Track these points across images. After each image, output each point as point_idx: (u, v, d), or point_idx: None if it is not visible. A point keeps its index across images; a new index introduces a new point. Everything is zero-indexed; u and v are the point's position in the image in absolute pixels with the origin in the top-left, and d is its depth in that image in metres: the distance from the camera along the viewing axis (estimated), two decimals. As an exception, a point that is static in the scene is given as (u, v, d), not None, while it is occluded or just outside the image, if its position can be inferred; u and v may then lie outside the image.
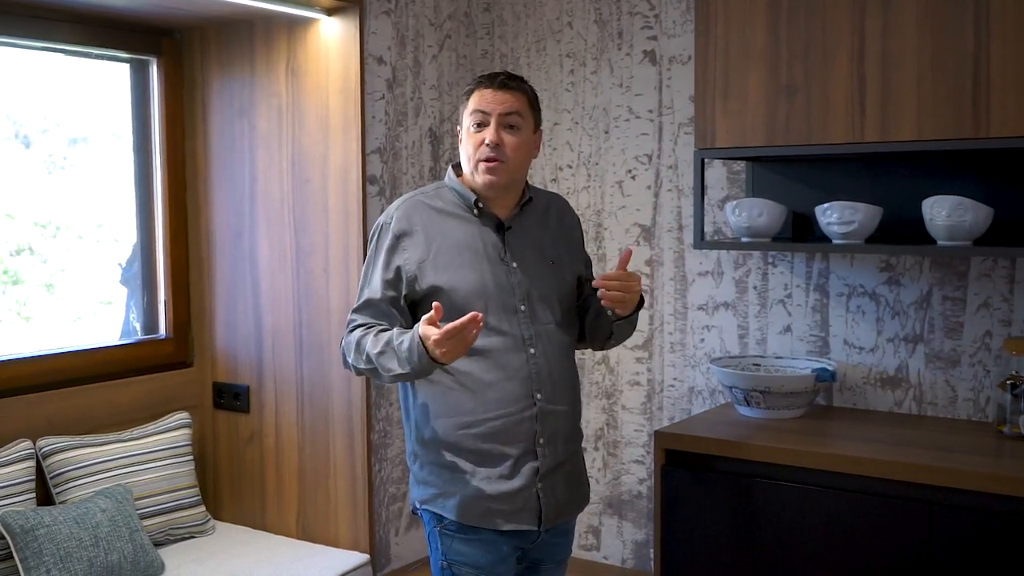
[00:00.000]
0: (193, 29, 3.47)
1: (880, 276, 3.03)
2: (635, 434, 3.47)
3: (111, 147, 3.53)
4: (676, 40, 3.31)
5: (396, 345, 2.08)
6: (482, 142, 2.17)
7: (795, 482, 2.64)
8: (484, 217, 2.23)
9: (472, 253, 2.20)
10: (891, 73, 2.63)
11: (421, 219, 2.21)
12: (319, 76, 3.23)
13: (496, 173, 2.18)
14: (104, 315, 3.59)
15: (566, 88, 3.54)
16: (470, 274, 2.18)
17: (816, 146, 2.75)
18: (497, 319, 2.18)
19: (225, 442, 3.55)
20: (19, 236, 3.41)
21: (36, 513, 2.80)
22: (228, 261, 3.47)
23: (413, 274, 2.18)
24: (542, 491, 2.21)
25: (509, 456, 2.18)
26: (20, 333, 3.38)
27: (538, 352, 2.20)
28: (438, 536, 2.25)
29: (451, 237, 2.20)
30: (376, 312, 2.21)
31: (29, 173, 3.40)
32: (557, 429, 2.23)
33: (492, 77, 2.21)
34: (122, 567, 2.88)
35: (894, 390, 3.04)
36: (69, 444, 3.05)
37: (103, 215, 3.57)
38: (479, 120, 2.18)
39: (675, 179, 3.35)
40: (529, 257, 2.25)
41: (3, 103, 3.26)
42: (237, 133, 3.42)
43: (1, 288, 3.35)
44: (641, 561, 3.49)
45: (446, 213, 2.23)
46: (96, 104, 3.50)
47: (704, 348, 3.32)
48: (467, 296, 2.16)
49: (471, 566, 2.22)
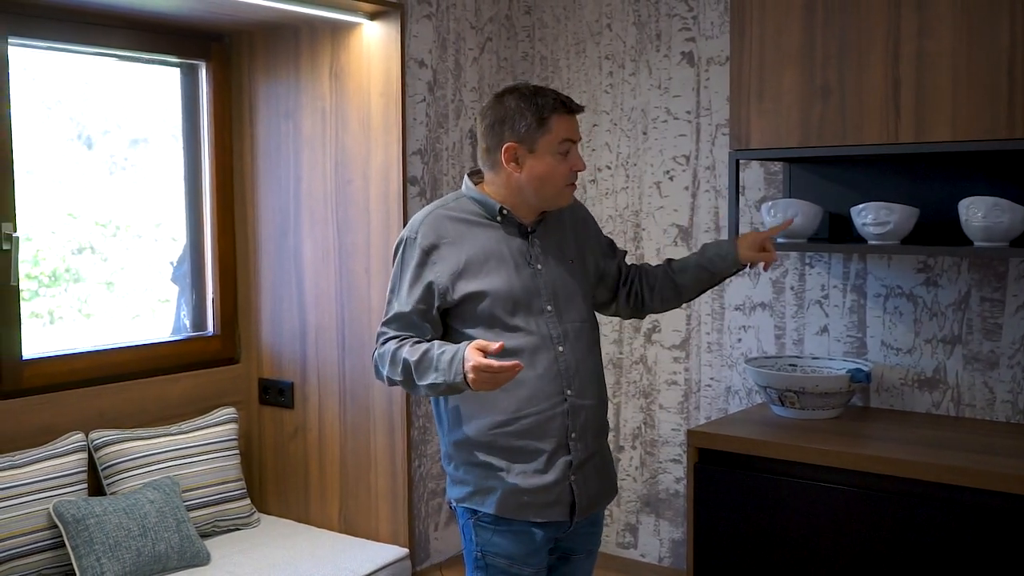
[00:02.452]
0: (241, 34, 3.56)
1: (918, 277, 3.02)
2: (672, 433, 3.49)
3: (170, 148, 3.62)
4: (714, 41, 3.32)
5: (437, 355, 2.13)
6: (571, 169, 2.25)
7: (828, 482, 2.64)
8: (507, 223, 2.29)
9: (498, 259, 2.25)
10: (926, 74, 2.62)
11: (447, 231, 2.26)
12: (361, 79, 3.29)
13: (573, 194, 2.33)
14: (161, 312, 3.70)
15: (605, 90, 3.57)
16: (498, 280, 2.23)
17: (851, 147, 2.75)
18: (525, 320, 2.24)
19: (270, 437, 3.63)
20: (80, 235, 3.51)
21: (87, 503, 2.90)
22: (273, 260, 3.56)
23: (445, 287, 2.23)
24: (575, 483, 2.27)
25: (543, 451, 2.24)
26: (81, 330, 3.49)
27: (566, 349, 2.26)
28: (472, 528, 2.31)
29: (478, 246, 2.25)
30: (406, 324, 2.25)
31: (91, 173, 3.50)
32: (587, 422, 2.29)
33: (568, 103, 2.25)
34: (169, 557, 2.97)
35: (932, 391, 3.02)
36: (120, 437, 3.16)
37: (161, 214, 3.67)
38: (567, 149, 2.24)
39: (713, 180, 3.36)
40: (552, 259, 2.31)
41: (67, 105, 3.37)
42: (283, 135, 3.50)
43: (63, 286, 3.47)
44: (678, 559, 3.51)
45: (470, 223, 2.28)
46: (156, 106, 3.59)
47: (741, 348, 3.33)
48: (497, 301, 2.22)
49: (504, 556, 2.28)
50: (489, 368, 2.03)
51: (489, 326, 2.23)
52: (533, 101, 2.21)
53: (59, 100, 3.32)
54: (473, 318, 2.24)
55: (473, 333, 2.22)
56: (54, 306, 3.44)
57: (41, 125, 3.30)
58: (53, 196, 3.36)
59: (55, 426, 3.07)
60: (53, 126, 3.13)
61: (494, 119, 2.24)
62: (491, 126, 2.25)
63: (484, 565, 2.30)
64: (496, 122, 2.24)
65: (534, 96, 2.22)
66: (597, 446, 2.34)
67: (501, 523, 2.27)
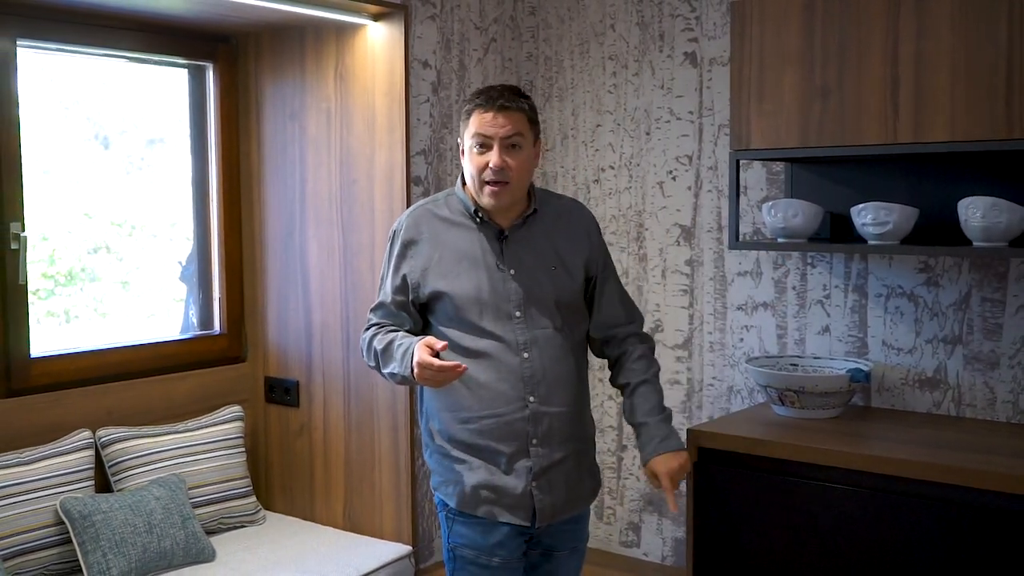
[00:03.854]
0: (248, 36, 3.58)
1: (918, 277, 3.02)
2: (675, 432, 3.50)
3: (186, 148, 3.64)
4: (716, 42, 3.33)
5: (397, 346, 2.26)
6: (485, 165, 2.22)
7: (828, 482, 2.64)
8: (485, 226, 2.32)
9: (471, 261, 2.30)
10: (924, 74, 2.63)
11: (427, 228, 2.34)
12: (366, 80, 3.32)
13: (500, 196, 2.25)
14: (176, 311, 3.73)
15: (608, 90, 3.58)
16: (467, 282, 2.29)
17: (850, 147, 2.76)
18: (493, 324, 2.28)
19: (276, 435, 3.66)
20: (96, 235, 3.54)
21: (94, 500, 2.93)
22: (279, 259, 3.59)
23: (416, 281, 2.33)
24: (536, 490, 2.30)
25: (503, 453, 2.29)
26: (97, 329, 3.52)
27: (532, 356, 2.28)
28: (444, 520, 2.39)
29: (453, 245, 2.32)
30: (387, 313, 2.39)
31: (108, 173, 3.53)
32: (552, 429, 2.30)
33: (490, 99, 2.21)
34: (174, 553, 3.00)
35: (932, 391, 3.03)
36: (127, 434, 3.19)
37: (176, 214, 3.69)
38: (481, 143, 2.22)
39: (715, 180, 3.37)
40: (528, 264, 2.31)
41: (84, 106, 3.40)
42: (288, 136, 3.53)
43: (79, 285, 3.50)
44: (680, 558, 3.52)
45: (451, 222, 2.34)
46: (172, 106, 3.62)
47: (743, 348, 3.34)
48: (464, 302, 2.28)
49: (471, 547, 2.33)
50: (430, 366, 2.12)
51: (459, 326, 2.30)
52: (472, 98, 2.27)
53: (76, 101, 3.35)
54: (444, 316, 2.32)
55: (446, 332, 2.30)
56: (70, 305, 3.47)
57: (58, 125, 3.33)
58: (70, 196, 3.39)
59: (63, 423, 3.10)
60: (70, 126, 3.16)
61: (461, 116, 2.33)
62: None
63: (453, 557, 2.37)
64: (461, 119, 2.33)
65: (478, 94, 2.26)
66: (567, 452, 2.33)
67: (468, 517, 2.33)
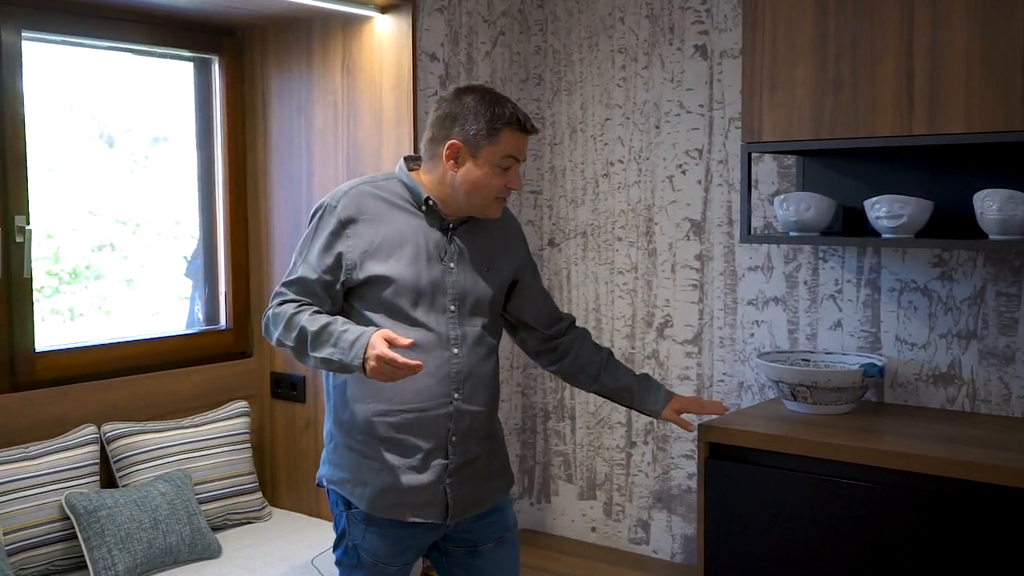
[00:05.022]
0: (254, 28, 3.56)
1: (932, 271, 2.99)
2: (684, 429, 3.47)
3: (190, 146, 3.63)
4: (727, 34, 3.30)
5: (340, 331, 2.11)
6: (504, 184, 2.22)
7: (841, 477, 2.61)
8: (431, 215, 2.26)
9: (413, 248, 2.23)
10: (939, 66, 2.59)
11: (368, 208, 2.23)
12: (373, 73, 3.29)
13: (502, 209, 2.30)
14: (180, 309, 3.71)
15: (617, 83, 3.55)
16: (407, 269, 2.21)
17: (863, 139, 2.72)
18: (426, 315, 2.23)
19: (282, 430, 3.64)
20: (101, 233, 3.53)
21: (99, 495, 2.91)
22: (286, 254, 3.56)
23: (353, 262, 2.21)
24: (450, 487, 2.27)
25: (420, 449, 2.24)
26: (101, 326, 3.51)
27: (461, 352, 2.25)
28: (345, 519, 2.34)
29: (395, 230, 2.23)
30: (305, 291, 2.23)
31: (112, 172, 3.52)
32: (471, 428, 2.28)
33: (525, 121, 2.20)
34: (180, 549, 2.98)
35: (947, 387, 3.00)
36: (132, 430, 3.17)
37: (180, 212, 3.68)
38: (508, 165, 2.21)
39: (725, 174, 3.34)
40: (468, 260, 2.29)
41: (89, 104, 3.39)
42: (295, 129, 3.51)
43: (84, 283, 3.48)
44: (690, 555, 3.49)
45: (393, 205, 2.26)
46: (175, 104, 3.61)
47: (754, 343, 3.31)
48: (400, 289, 2.21)
49: (371, 554, 2.30)
50: (393, 362, 2.02)
51: (389, 313, 2.21)
52: (491, 108, 2.18)
53: (81, 99, 3.33)
54: (375, 302, 2.22)
55: (373, 318, 2.21)
56: (75, 303, 3.46)
57: (63, 123, 3.32)
58: (74, 194, 3.37)
59: (68, 418, 3.08)
60: (75, 124, 3.15)
61: (448, 112, 2.21)
62: (443, 118, 2.22)
63: (357, 558, 2.32)
64: (448, 116, 2.21)
65: (494, 103, 2.19)
66: (481, 451, 2.33)
67: (372, 522, 2.28)
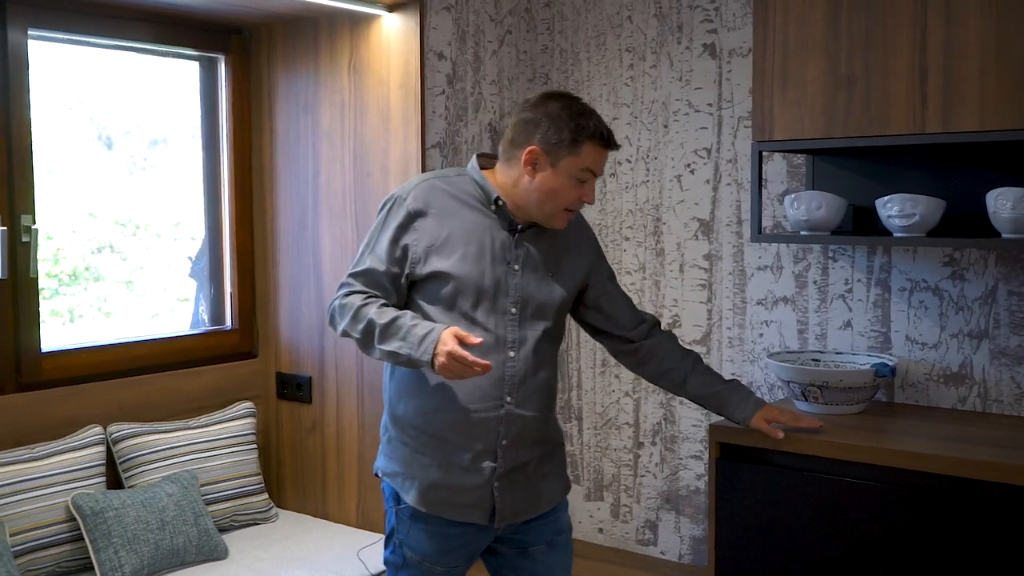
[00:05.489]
0: (260, 27, 3.55)
1: (943, 271, 2.97)
2: (693, 429, 3.46)
3: (189, 148, 3.63)
4: (736, 33, 3.29)
5: (409, 326, 2.11)
6: (578, 197, 2.21)
7: (852, 477, 2.60)
8: (500, 215, 2.24)
9: (478, 247, 2.20)
10: (953, 63, 2.58)
11: (437, 203, 2.22)
12: (380, 72, 3.28)
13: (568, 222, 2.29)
14: (180, 311, 3.69)
15: (625, 83, 3.54)
16: (472, 267, 2.19)
17: (876, 137, 2.71)
18: (485, 316, 2.21)
19: (288, 431, 3.62)
20: (100, 234, 3.51)
21: (106, 496, 2.90)
22: (292, 254, 3.55)
23: (419, 256, 2.20)
24: (498, 491, 2.25)
25: (469, 450, 2.22)
26: (101, 328, 3.49)
27: (518, 356, 2.23)
28: (394, 516, 2.34)
29: (463, 227, 2.21)
30: (373, 282, 2.22)
31: (111, 173, 3.51)
32: (522, 433, 2.26)
33: (610, 137, 2.21)
34: (187, 550, 2.96)
35: (958, 387, 2.98)
36: (138, 430, 3.15)
37: (180, 214, 3.67)
38: (585, 177, 2.20)
39: (734, 173, 3.32)
40: (533, 263, 2.26)
41: (88, 106, 3.37)
42: (301, 129, 3.49)
43: (83, 285, 3.46)
44: (698, 557, 3.47)
45: (462, 202, 2.23)
46: (175, 106, 3.60)
47: (763, 343, 3.30)
48: (462, 287, 2.18)
49: (418, 553, 2.29)
50: (464, 360, 2.01)
51: (449, 309, 2.19)
52: (576, 119, 2.17)
53: (80, 100, 3.31)
54: (435, 298, 2.20)
55: (432, 312, 2.20)
56: (74, 304, 3.44)
57: (62, 125, 3.30)
58: (74, 195, 3.35)
59: (74, 419, 3.07)
60: (74, 126, 3.13)
61: (532, 117, 2.20)
62: (526, 122, 2.20)
63: (403, 557, 2.31)
64: (532, 121, 2.19)
65: (579, 115, 2.18)
66: (533, 455, 2.30)
67: (418, 519, 2.27)
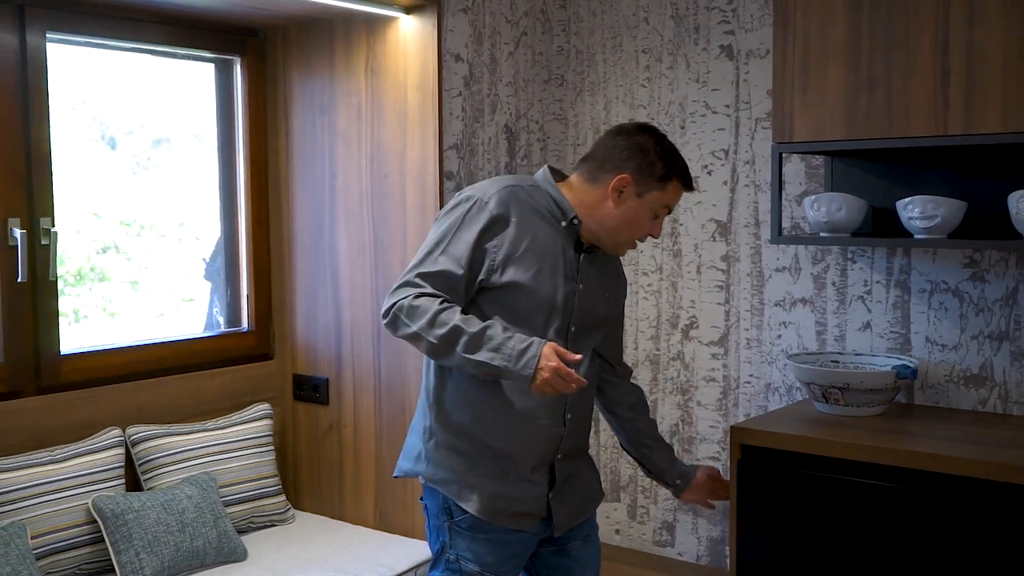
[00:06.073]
0: (276, 29, 3.55)
1: (964, 272, 2.97)
2: (710, 431, 3.46)
3: (193, 148, 3.63)
4: (754, 34, 3.28)
5: (504, 338, 2.05)
6: (650, 232, 2.26)
7: (872, 479, 2.59)
8: (570, 232, 2.25)
9: (552, 262, 2.20)
10: (976, 65, 2.58)
11: (518, 211, 2.18)
12: (398, 73, 3.28)
13: None
14: (186, 311, 3.69)
15: (642, 84, 3.54)
16: (546, 282, 2.18)
17: (897, 139, 2.71)
18: (552, 333, 2.21)
19: (305, 433, 3.62)
20: (105, 234, 3.51)
21: (126, 498, 2.90)
22: (308, 256, 3.54)
23: (498, 264, 2.15)
24: (553, 502, 2.28)
25: (527, 463, 2.24)
26: (106, 329, 3.49)
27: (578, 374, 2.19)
28: (447, 532, 2.27)
29: (540, 240, 2.19)
30: (447, 285, 2.13)
31: (115, 173, 3.51)
32: (575, 447, 2.33)
33: (691, 181, 2.27)
34: (207, 552, 2.96)
35: (978, 388, 2.98)
36: (157, 432, 3.15)
37: (185, 214, 3.67)
38: (661, 214, 2.25)
39: (752, 174, 3.32)
40: (592, 283, 2.28)
41: (91, 106, 3.37)
42: (318, 131, 3.49)
43: (88, 285, 3.46)
44: (716, 558, 3.47)
45: (539, 214, 2.21)
46: (178, 106, 3.60)
47: (781, 344, 3.29)
48: (537, 302, 2.17)
49: (478, 563, 2.25)
50: (570, 376, 2.02)
51: (519, 322, 2.16)
52: (669, 157, 2.22)
53: (83, 101, 3.31)
54: (507, 309, 2.16)
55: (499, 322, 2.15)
56: (79, 305, 3.44)
57: (66, 125, 3.30)
58: (78, 196, 3.35)
59: (93, 421, 3.07)
60: (77, 126, 3.13)
61: (629, 144, 2.22)
62: (622, 148, 2.21)
63: (459, 570, 2.26)
64: (629, 148, 2.21)
65: (671, 153, 2.23)
66: (580, 464, 2.38)
67: (479, 529, 2.24)
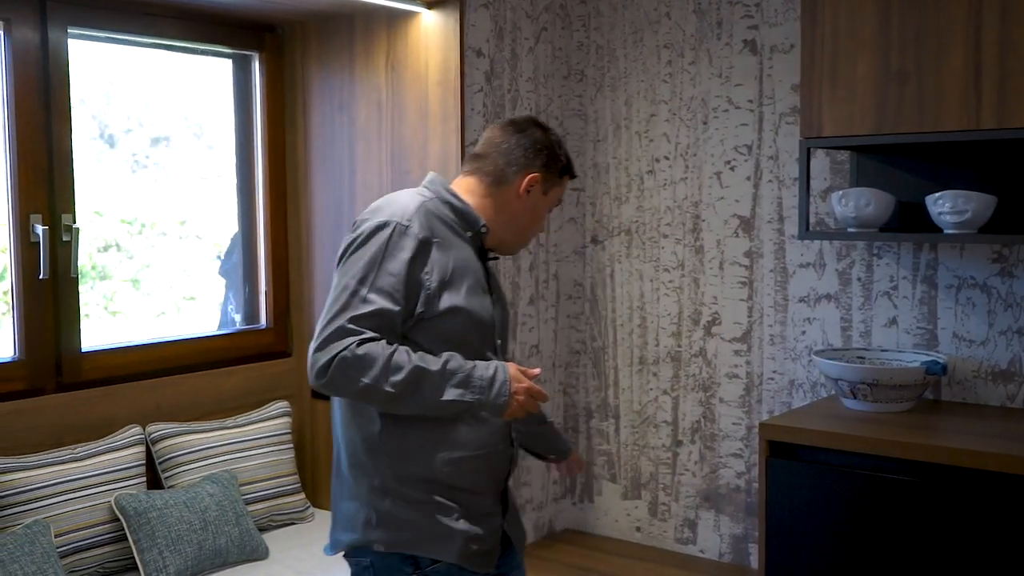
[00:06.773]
0: (294, 24, 3.52)
1: (992, 268, 2.95)
2: (733, 427, 3.44)
3: (192, 146, 3.61)
4: (777, 29, 3.26)
5: (466, 370, 1.87)
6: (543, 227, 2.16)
7: (901, 475, 2.58)
8: (474, 242, 2.06)
9: (474, 277, 2.01)
10: (1008, 59, 2.56)
11: (438, 231, 1.97)
12: (419, 69, 3.25)
13: None
14: (187, 310, 3.67)
15: (663, 79, 3.52)
16: (475, 300, 1.99)
17: (928, 134, 2.69)
18: (490, 351, 2.04)
19: (323, 431, 3.59)
20: (106, 233, 3.49)
21: (148, 496, 2.87)
22: (327, 253, 3.52)
23: (435, 291, 1.93)
24: (508, 528, 2.10)
25: (486, 495, 2.04)
26: (107, 327, 3.47)
27: None
28: None
29: (459, 256, 1.99)
30: (383, 325, 1.87)
31: (115, 171, 3.48)
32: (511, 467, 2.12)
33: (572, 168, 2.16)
34: (229, 551, 2.94)
35: (1006, 384, 2.96)
36: (177, 430, 3.12)
37: (186, 212, 3.65)
38: (553, 207, 2.14)
39: (776, 170, 3.30)
40: (499, 289, 2.14)
41: (90, 105, 3.34)
42: (337, 127, 3.47)
43: (89, 283, 3.44)
44: (739, 555, 3.45)
45: (452, 229, 2.01)
46: (177, 105, 3.58)
47: (805, 341, 3.27)
48: (474, 323, 1.98)
49: None
50: (540, 395, 1.91)
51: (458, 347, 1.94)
52: (561, 149, 2.11)
53: (82, 100, 3.28)
54: (444, 337, 1.94)
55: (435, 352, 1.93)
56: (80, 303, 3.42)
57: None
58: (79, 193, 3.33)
59: (113, 419, 3.04)
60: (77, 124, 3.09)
61: (533, 141, 2.06)
62: (526, 146, 2.05)
63: None
64: (533, 145, 2.06)
65: (563, 146, 2.13)
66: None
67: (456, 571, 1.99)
